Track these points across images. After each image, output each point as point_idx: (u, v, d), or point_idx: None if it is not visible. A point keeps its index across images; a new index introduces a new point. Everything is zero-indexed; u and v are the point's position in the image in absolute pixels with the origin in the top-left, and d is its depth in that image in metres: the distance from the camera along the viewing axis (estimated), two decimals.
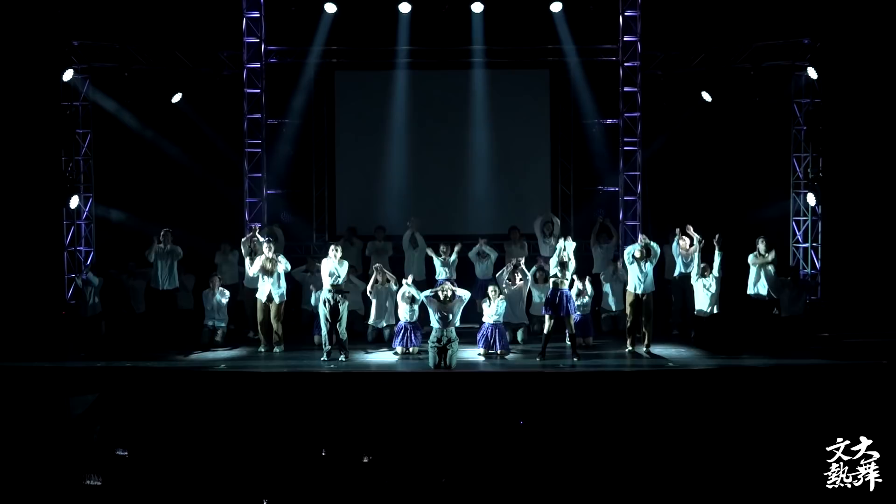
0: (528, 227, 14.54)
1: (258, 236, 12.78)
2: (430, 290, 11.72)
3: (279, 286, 12.12)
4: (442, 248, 13.39)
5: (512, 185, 16.27)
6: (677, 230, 12.98)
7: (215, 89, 15.48)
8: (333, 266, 11.59)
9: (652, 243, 12.02)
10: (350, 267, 12.28)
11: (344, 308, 11.52)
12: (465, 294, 11.64)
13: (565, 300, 11.43)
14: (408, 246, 13.85)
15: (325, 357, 11.42)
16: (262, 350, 12.25)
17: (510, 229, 14.32)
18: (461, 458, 7.37)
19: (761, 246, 12.51)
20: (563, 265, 11.75)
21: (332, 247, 11.80)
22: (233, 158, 15.92)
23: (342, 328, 11.50)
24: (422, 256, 13.80)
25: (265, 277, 12.06)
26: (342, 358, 11.45)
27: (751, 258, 12.56)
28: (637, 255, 11.88)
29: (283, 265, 12.15)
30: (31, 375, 10.92)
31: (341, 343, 11.52)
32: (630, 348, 11.92)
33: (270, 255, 12.08)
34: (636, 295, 11.80)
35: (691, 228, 12.53)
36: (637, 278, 11.80)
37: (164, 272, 12.82)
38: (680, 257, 13.02)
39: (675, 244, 13.00)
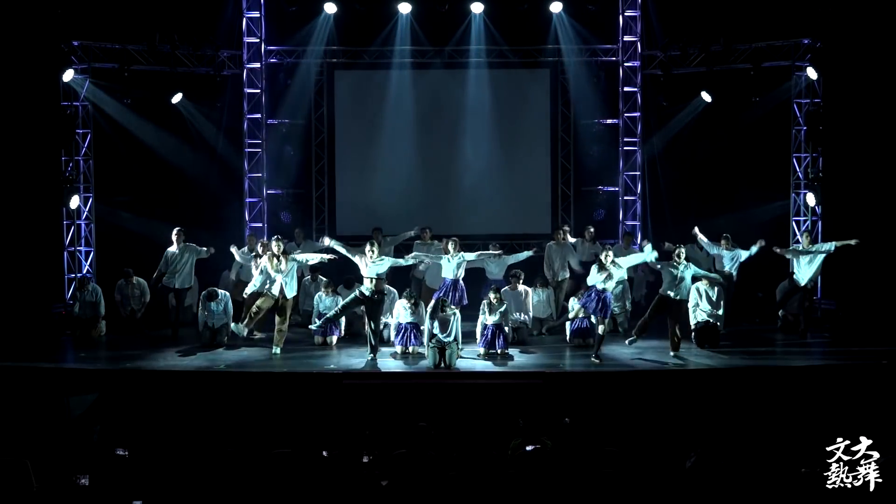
0: (529, 226, 14.46)
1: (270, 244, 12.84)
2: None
3: (291, 286, 12.05)
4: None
5: (512, 185, 16.26)
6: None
7: (215, 89, 15.46)
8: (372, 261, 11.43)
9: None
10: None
11: (378, 307, 11.52)
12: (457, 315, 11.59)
13: (608, 302, 11.54)
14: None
15: (370, 354, 11.41)
16: (254, 335, 12.12)
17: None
18: (462, 458, 7.37)
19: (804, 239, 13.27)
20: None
21: (367, 245, 11.61)
22: (233, 158, 15.94)
23: (375, 325, 11.51)
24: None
25: (275, 275, 11.94)
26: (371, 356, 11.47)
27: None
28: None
29: (291, 264, 11.97)
30: (31, 375, 10.91)
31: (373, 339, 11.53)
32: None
33: (278, 252, 11.90)
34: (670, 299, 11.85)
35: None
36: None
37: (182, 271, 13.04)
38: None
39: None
